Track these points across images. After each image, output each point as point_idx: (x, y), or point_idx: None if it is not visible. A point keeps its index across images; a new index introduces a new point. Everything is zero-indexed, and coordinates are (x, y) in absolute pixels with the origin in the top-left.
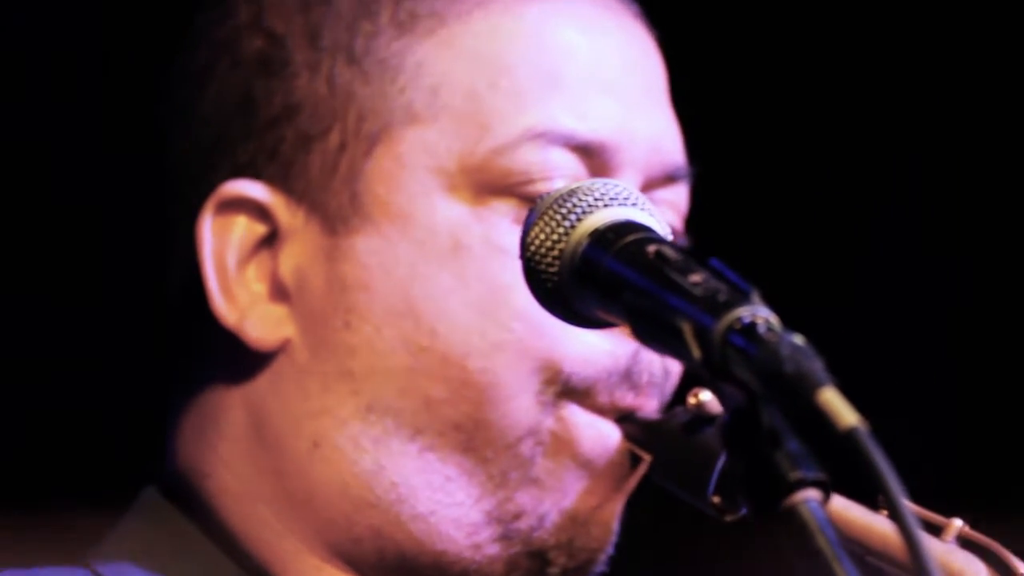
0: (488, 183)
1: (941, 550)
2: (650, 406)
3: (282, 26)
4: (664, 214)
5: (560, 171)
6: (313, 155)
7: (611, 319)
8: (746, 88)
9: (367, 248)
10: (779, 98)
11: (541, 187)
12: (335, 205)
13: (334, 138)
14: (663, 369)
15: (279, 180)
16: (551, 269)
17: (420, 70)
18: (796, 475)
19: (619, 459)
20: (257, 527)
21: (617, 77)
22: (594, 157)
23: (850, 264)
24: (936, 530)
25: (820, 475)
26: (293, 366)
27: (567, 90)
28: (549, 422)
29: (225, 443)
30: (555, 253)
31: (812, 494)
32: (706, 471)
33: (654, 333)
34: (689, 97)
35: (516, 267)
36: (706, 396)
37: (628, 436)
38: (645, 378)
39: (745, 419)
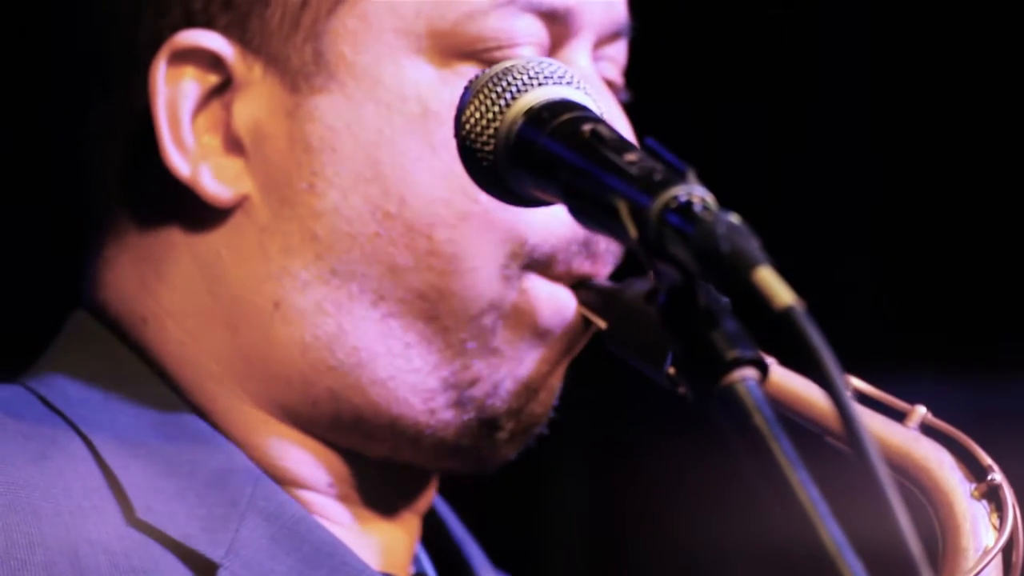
0: (455, 48)
1: (905, 437)
2: (604, 273)
3: None
4: (606, 69)
5: (527, 38)
6: (272, 8)
7: (547, 198)
8: None
9: (333, 109)
10: None
11: (507, 53)
12: (297, 62)
13: None
14: None
15: (234, 30)
16: (486, 148)
17: None
18: (733, 354)
19: (573, 327)
20: (199, 376)
21: None
22: (558, 22)
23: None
24: (899, 416)
25: (757, 354)
26: (252, 224)
27: None
28: (512, 295)
29: (168, 292)
30: (490, 132)
31: (749, 372)
32: (664, 342)
33: (590, 212)
34: None
35: None
36: None
37: (584, 303)
38: (603, 246)
39: (681, 298)
